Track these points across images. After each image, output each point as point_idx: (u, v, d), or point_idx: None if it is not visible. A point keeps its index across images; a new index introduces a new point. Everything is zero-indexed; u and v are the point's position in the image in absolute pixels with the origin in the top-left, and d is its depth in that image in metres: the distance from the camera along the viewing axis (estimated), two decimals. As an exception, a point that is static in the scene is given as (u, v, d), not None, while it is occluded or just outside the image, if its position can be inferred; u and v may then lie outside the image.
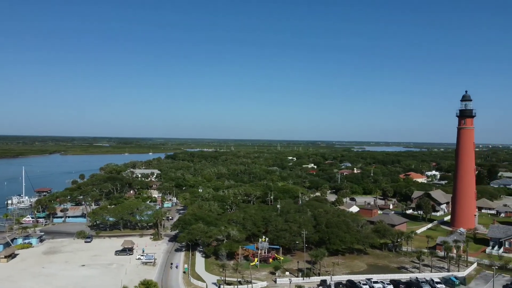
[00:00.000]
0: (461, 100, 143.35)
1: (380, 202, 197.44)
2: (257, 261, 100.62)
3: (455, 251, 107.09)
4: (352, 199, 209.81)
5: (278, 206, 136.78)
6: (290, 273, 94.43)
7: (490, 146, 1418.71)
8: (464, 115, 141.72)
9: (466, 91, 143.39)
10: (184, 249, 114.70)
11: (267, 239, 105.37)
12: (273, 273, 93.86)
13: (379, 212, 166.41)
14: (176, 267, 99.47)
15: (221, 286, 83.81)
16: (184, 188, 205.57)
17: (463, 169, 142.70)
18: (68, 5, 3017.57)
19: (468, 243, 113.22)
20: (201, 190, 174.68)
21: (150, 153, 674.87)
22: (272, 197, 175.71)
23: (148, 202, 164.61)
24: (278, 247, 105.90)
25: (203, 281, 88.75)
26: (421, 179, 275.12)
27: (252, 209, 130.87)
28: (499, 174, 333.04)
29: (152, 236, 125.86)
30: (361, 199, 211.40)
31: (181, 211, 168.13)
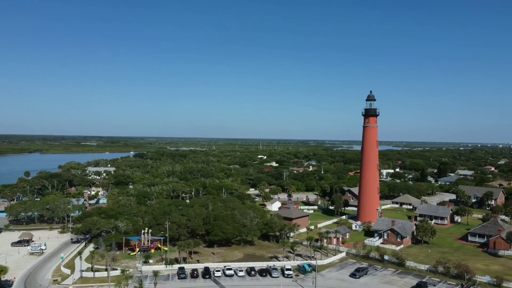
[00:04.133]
0: (366, 100, 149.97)
1: (312, 198, 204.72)
2: (138, 251, 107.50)
3: (334, 241, 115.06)
4: (289, 196, 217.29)
5: (187, 201, 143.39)
6: (163, 262, 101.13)
7: (479, 145, 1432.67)
8: (368, 114, 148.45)
9: (370, 91, 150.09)
10: (83, 241, 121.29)
11: (150, 231, 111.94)
12: (146, 262, 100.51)
13: (300, 207, 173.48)
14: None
15: (82, 273, 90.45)
16: (129, 184, 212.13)
17: (366, 166, 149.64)
18: (59, 3, 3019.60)
19: (345, 234, 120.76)
20: (131, 187, 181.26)
21: (131, 152, 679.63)
22: (201, 193, 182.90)
23: (79, 198, 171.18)
24: (160, 238, 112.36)
25: (74, 269, 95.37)
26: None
27: (157, 204, 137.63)
28: (456, 171, 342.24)
29: (60, 229, 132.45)
30: (302, 195, 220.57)
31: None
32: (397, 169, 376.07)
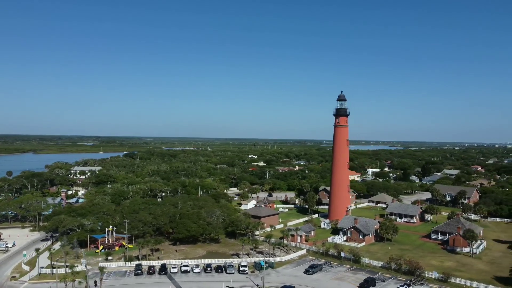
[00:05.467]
0: (337, 100, 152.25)
1: (290, 197, 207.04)
2: (102, 248, 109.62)
3: (298, 239, 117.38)
4: (270, 195, 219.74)
5: (159, 199, 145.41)
6: (124, 259, 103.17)
7: (475, 145, 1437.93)
8: (339, 114, 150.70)
9: (341, 91, 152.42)
10: (51, 239, 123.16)
11: (114, 228, 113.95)
12: (107, 259, 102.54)
13: (276, 206, 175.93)
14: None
15: (41, 269, 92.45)
16: (107, 184, 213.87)
17: (337, 165, 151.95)
18: (54, 3, 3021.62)
19: (310, 232, 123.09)
20: (109, 186, 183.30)
21: (125, 152, 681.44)
22: (179, 192, 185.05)
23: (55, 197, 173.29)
24: (124, 235, 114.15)
25: (34, 266, 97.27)
26: (355, 176, 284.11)
27: (127, 203, 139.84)
28: (443, 170, 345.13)
29: (31, 228, 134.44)
30: (282, 194, 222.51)
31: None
32: (386, 169, 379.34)
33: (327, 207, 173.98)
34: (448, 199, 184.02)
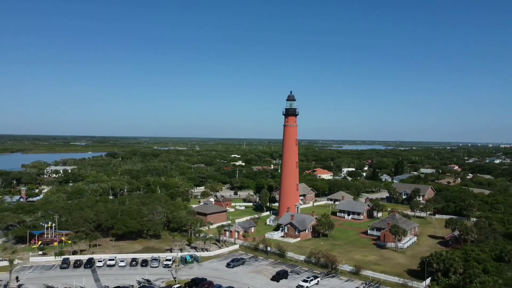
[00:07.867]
0: (287, 100, 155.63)
1: (250, 195, 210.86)
2: (40, 244, 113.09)
3: (235, 235, 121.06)
4: (235, 193, 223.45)
5: (110, 197, 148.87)
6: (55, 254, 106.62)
7: (469, 145, 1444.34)
8: (288, 113, 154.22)
9: (291, 92, 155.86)
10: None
11: (53, 224, 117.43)
12: (40, 254, 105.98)
13: (233, 204, 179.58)
14: None
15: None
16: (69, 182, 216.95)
17: (286, 163, 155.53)
18: (54, 2, 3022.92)
19: (250, 228, 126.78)
20: (71, 185, 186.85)
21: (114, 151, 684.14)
22: (142, 190, 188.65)
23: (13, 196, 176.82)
24: (63, 231, 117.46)
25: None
26: (327, 175, 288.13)
27: (76, 201, 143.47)
28: (419, 169, 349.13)
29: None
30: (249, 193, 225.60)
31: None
32: (365, 168, 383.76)
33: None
34: (404, 197, 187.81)
